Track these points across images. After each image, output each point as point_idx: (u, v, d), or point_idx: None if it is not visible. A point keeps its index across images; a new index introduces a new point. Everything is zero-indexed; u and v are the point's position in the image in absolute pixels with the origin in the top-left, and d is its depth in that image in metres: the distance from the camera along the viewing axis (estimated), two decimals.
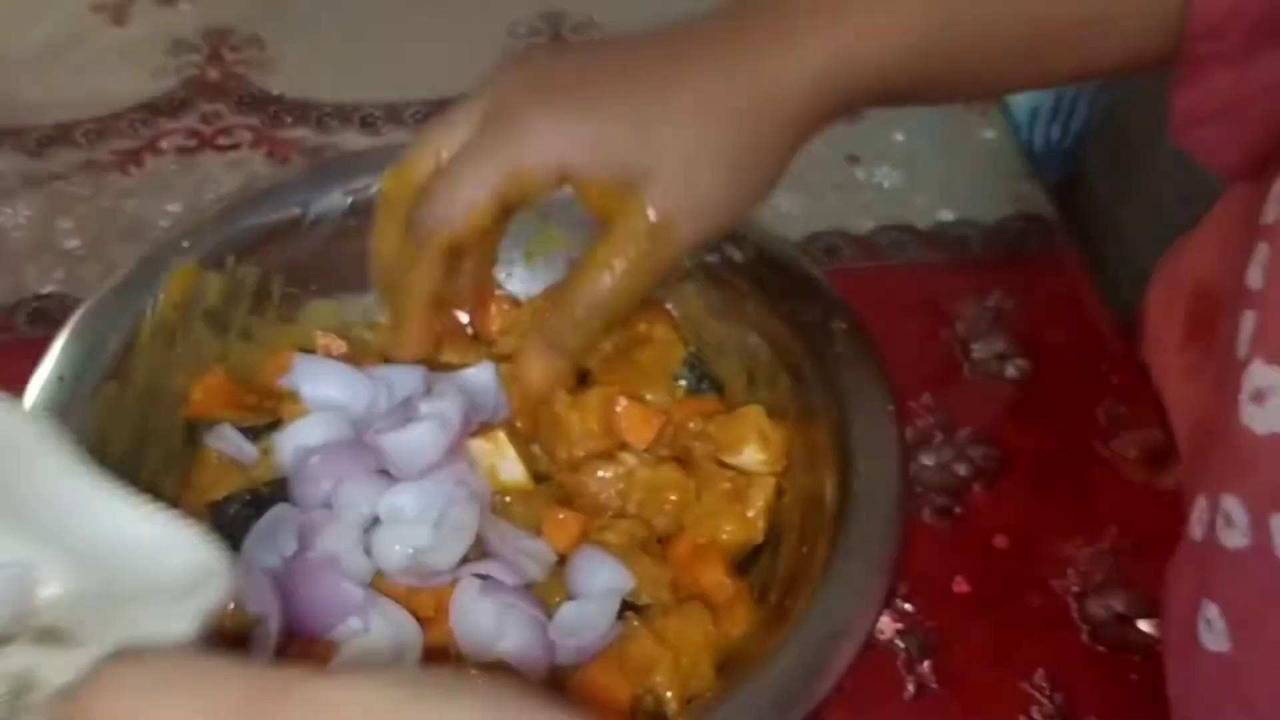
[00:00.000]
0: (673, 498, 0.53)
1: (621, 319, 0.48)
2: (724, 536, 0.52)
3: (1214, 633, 0.46)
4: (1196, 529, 0.47)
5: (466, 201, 0.45)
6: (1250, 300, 0.46)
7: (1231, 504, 0.44)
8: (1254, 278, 0.46)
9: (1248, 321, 0.45)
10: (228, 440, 0.54)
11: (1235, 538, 0.44)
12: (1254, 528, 0.42)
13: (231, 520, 0.51)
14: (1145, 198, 0.84)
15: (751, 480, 0.54)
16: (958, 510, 0.62)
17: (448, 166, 0.46)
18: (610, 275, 0.45)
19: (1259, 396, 0.41)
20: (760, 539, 0.53)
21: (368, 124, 0.81)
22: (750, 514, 0.53)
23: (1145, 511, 0.61)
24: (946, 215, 0.77)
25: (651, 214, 0.44)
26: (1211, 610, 0.46)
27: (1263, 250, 0.45)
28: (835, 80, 0.45)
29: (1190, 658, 0.48)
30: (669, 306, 0.59)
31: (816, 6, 0.45)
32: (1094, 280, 0.73)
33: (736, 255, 0.57)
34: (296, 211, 0.58)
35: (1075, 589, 0.59)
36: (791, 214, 0.76)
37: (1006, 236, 0.76)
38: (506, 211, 0.46)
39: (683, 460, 0.55)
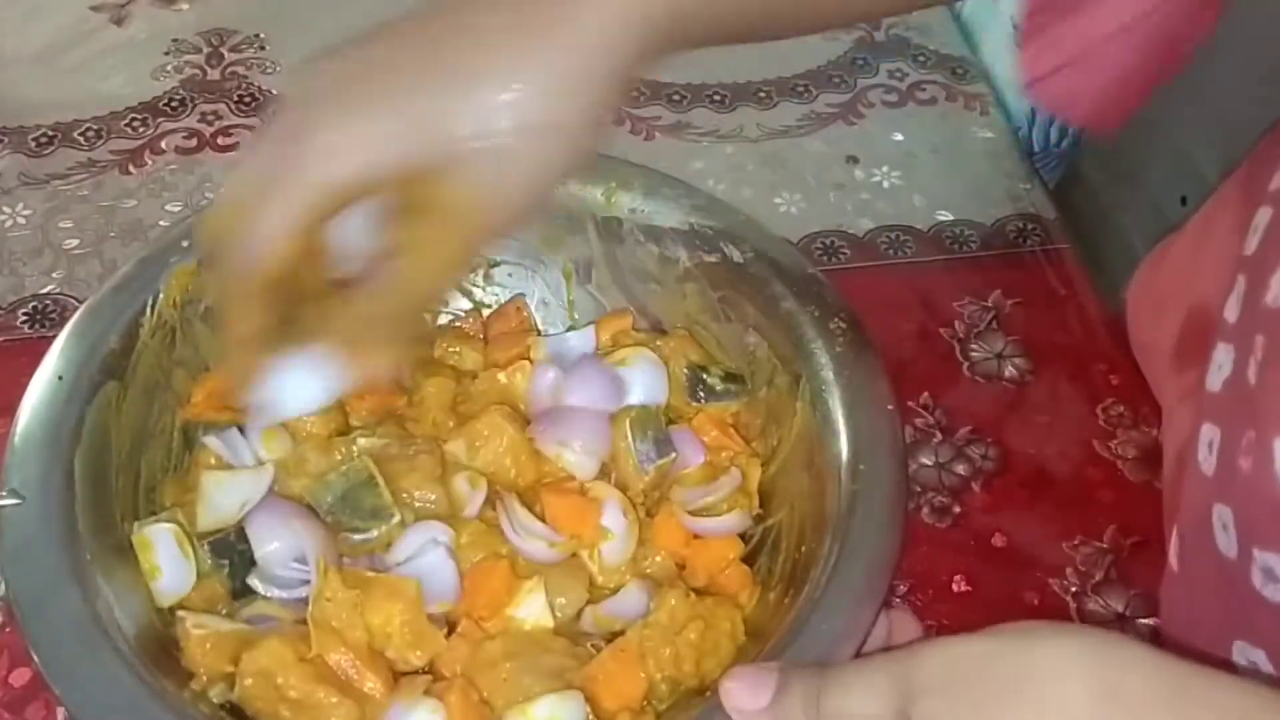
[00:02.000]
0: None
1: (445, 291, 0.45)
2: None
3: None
4: (1174, 562, 0.46)
5: (274, 238, 0.42)
6: (1227, 332, 0.45)
7: (1274, 560, 0.43)
8: (1230, 310, 0.45)
9: (1221, 354, 0.44)
10: (224, 443, 0.54)
11: None
12: None
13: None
14: (1144, 198, 0.84)
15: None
16: (957, 510, 0.62)
17: (252, 207, 0.43)
18: (427, 259, 0.43)
19: None
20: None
21: None
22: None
23: (1144, 511, 0.61)
24: (945, 215, 0.77)
25: (459, 194, 0.41)
26: (1257, 655, 0.45)
27: (1241, 284, 0.45)
28: (634, 30, 0.41)
29: None
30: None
31: None
32: (1093, 280, 0.73)
33: (736, 255, 0.57)
34: None
35: (1074, 588, 0.59)
36: (791, 214, 0.76)
37: (1005, 236, 0.76)
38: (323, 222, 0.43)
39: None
